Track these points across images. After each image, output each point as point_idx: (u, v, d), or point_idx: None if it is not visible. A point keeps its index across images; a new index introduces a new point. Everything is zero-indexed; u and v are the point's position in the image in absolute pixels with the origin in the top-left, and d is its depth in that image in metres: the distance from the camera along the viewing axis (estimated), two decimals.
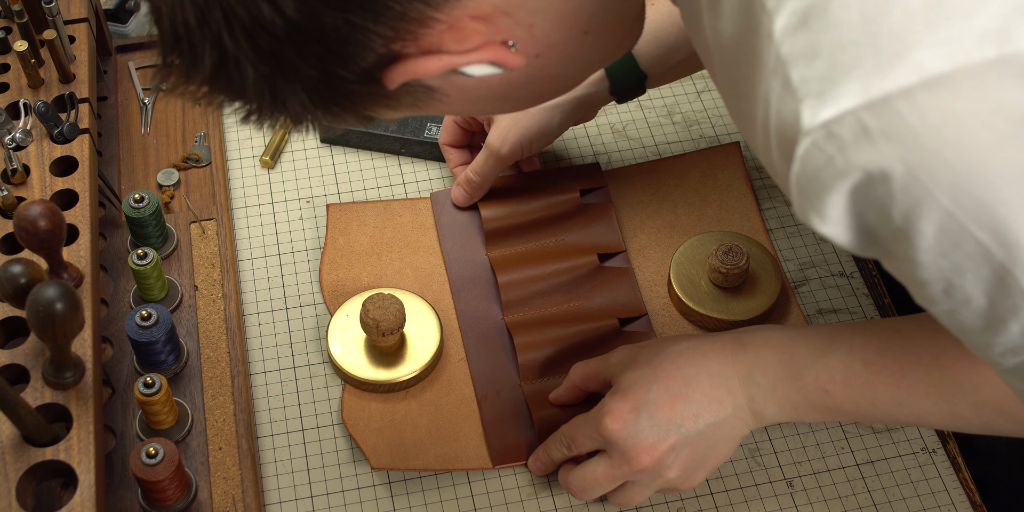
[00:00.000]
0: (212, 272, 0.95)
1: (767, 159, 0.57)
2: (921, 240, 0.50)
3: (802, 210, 0.54)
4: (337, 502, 0.86)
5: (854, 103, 0.48)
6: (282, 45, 0.54)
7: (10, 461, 0.74)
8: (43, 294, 0.69)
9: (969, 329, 0.54)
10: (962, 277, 0.51)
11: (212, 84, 0.57)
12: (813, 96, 0.50)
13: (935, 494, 0.87)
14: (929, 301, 0.55)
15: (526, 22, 0.59)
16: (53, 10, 0.93)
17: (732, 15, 0.56)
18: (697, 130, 1.08)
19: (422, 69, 0.57)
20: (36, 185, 0.89)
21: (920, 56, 0.47)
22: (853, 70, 0.48)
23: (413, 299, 0.93)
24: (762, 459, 0.88)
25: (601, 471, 0.79)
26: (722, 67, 0.61)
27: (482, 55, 0.58)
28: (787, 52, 0.51)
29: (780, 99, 0.52)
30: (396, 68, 0.57)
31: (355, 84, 0.58)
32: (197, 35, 0.54)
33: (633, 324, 0.94)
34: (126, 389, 0.88)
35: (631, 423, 0.77)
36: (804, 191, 0.52)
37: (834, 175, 0.50)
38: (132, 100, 1.08)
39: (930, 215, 0.49)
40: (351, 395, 0.90)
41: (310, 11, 0.53)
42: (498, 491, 0.86)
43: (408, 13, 0.55)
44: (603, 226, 0.99)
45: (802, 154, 0.51)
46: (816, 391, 0.74)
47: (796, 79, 0.51)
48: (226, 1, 0.53)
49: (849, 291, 0.97)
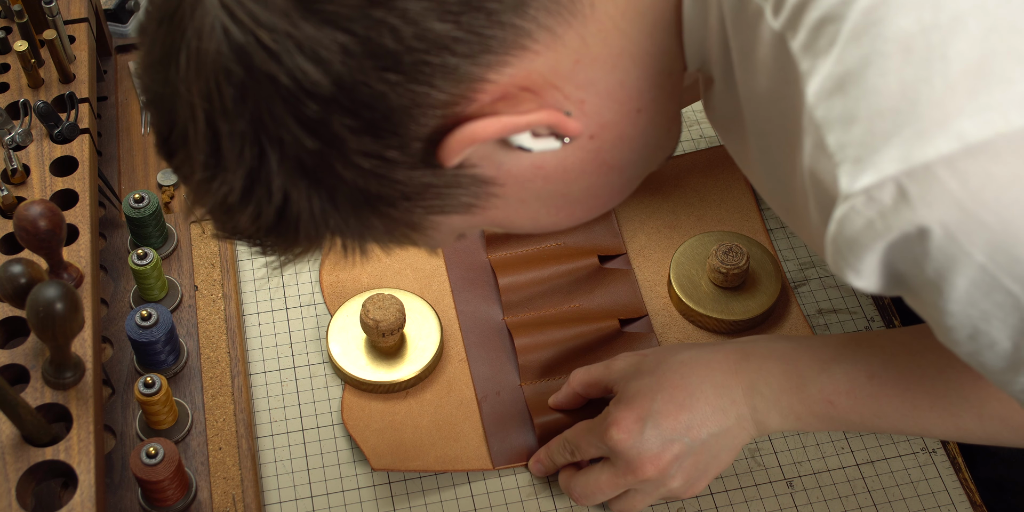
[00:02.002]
0: (212, 272, 0.95)
1: (789, 206, 0.57)
2: (952, 292, 0.51)
3: (838, 268, 0.55)
4: (337, 502, 0.86)
5: (895, 170, 0.49)
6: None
7: (10, 461, 0.74)
8: (43, 294, 0.69)
9: (992, 370, 0.55)
10: (989, 324, 0.52)
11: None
12: (851, 161, 0.50)
13: (935, 494, 0.87)
14: (952, 343, 0.55)
15: (576, 98, 0.58)
16: (53, 10, 0.93)
17: (764, 75, 0.56)
18: (697, 130, 1.08)
19: (480, 131, 0.54)
20: (36, 185, 0.89)
21: (961, 124, 0.47)
22: (892, 137, 0.49)
23: (413, 299, 0.93)
24: (762, 459, 0.88)
25: (605, 479, 0.80)
26: (753, 121, 0.61)
27: (539, 116, 0.56)
28: (821, 116, 0.51)
29: (814, 159, 0.52)
30: (453, 135, 0.54)
31: (409, 169, 0.55)
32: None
33: (633, 325, 0.94)
34: (126, 389, 0.88)
35: (636, 434, 0.77)
36: (841, 251, 0.53)
37: (873, 237, 0.51)
38: (132, 100, 1.08)
39: (964, 271, 0.50)
40: (351, 395, 0.90)
41: (357, 78, 0.51)
42: (498, 491, 0.86)
43: (459, 68, 0.53)
44: (603, 228, 0.99)
45: (840, 217, 0.51)
46: (820, 402, 0.75)
47: (832, 144, 0.51)
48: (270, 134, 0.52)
49: (849, 291, 0.97)
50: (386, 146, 0.54)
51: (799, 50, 0.52)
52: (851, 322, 0.95)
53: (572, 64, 0.56)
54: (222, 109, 0.52)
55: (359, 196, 0.56)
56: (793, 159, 0.56)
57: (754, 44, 0.56)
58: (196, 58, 0.52)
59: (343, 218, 0.57)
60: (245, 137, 0.53)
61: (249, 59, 0.51)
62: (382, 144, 0.54)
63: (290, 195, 0.55)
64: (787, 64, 0.54)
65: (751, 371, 0.77)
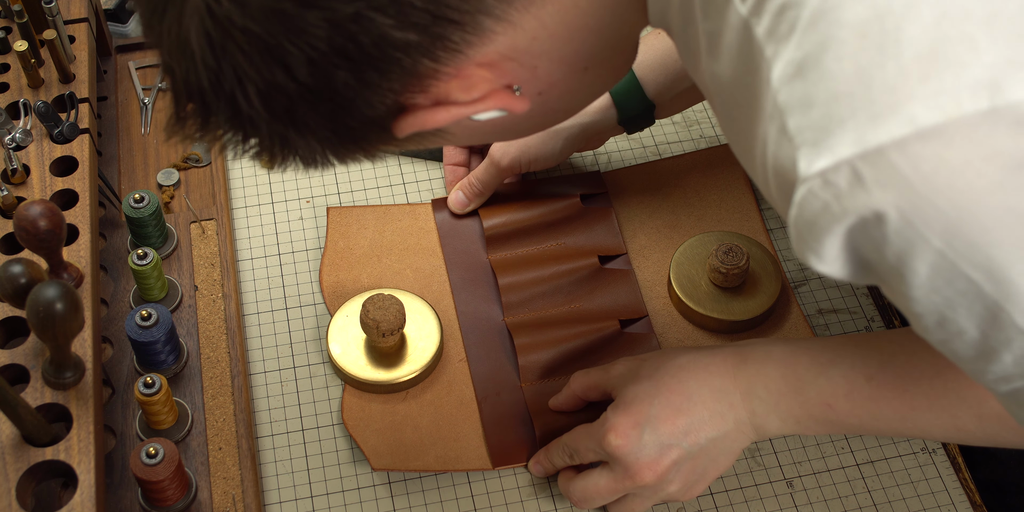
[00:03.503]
0: (212, 272, 0.95)
1: (766, 192, 0.59)
2: (914, 278, 0.52)
3: (800, 251, 0.55)
4: (337, 502, 0.86)
5: (849, 153, 0.49)
6: (295, 105, 0.56)
7: (10, 461, 0.74)
8: (43, 294, 0.69)
9: (963, 358, 0.56)
10: (955, 311, 0.53)
11: (225, 135, 0.59)
12: (809, 145, 0.51)
13: (935, 494, 0.87)
14: (924, 330, 0.56)
15: (530, 65, 0.61)
16: (53, 10, 0.93)
17: (730, 59, 0.57)
18: (697, 130, 1.08)
19: (431, 121, 0.59)
20: (36, 185, 0.89)
21: (913, 109, 0.48)
22: (847, 121, 0.49)
23: (413, 300, 0.93)
24: (762, 459, 0.88)
25: (603, 484, 0.80)
26: (721, 106, 0.62)
27: (489, 104, 0.60)
28: (783, 100, 0.52)
29: (777, 144, 0.53)
30: (406, 119, 0.59)
31: (365, 131, 0.59)
32: (211, 96, 0.56)
33: (634, 326, 0.94)
34: (126, 389, 0.88)
35: (634, 439, 0.77)
36: (802, 234, 0.54)
37: (830, 220, 0.52)
38: (132, 100, 1.08)
39: (923, 256, 0.51)
40: (351, 395, 0.90)
41: (322, 73, 0.54)
42: (498, 491, 0.86)
43: (417, 68, 0.56)
44: (603, 229, 0.99)
45: (799, 200, 0.52)
46: (819, 405, 0.75)
47: (792, 127, 0.52)
48: (239, 65, 0.54)
49: (849, 291, 0.97)
50: (344, 121, 0.58)
51: (763, 36, 0.53)
52: (851, 322, 0.95)
53: (529, 41, 0.59)
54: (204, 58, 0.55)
55: (320, 144, 0.60)
56: (754, 144, 0.57)
57: (722, 29, 0.57)
58: (177, 40, 0.55)
59: (309, 149, 0.60)
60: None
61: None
62: (340, 120, 0.58)
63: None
64: (753, 50, 0.54)
65: (749, 375, 0.77)
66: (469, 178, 0.99)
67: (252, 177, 1.04)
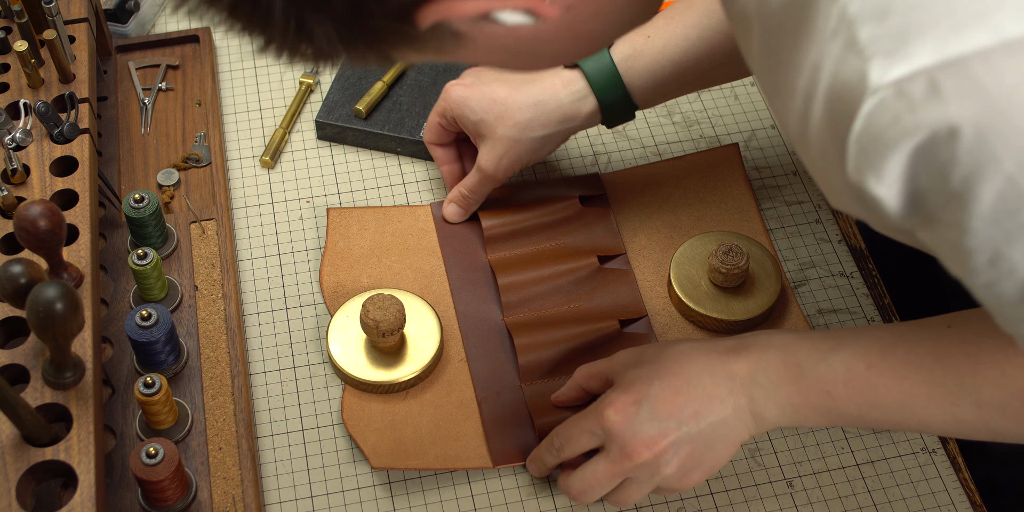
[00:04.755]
0: (212, 272, 0.95)
1: (800, 132, 0.56)
2: (977, 206, 0.50)
3: (859, 169, 0.53)
4: (337, 502, 0.86)
5: (928, 62, 0.47)
6: None
7: (10, 461, 0.74)
8: (43, 294, 0.69)
9: (1007, 301, 0.54)
10: (1012, 247, 0.50)
11: (235, 11, 0.55)
12: (883, 54, 0.49)
13: (935, 494, 0.87)
14: (969, 271, 0.54)
15: None
16: (53, 10, 0.93)
17: None
18: (697, 130, 1.08)
19: (457, 10, 0.55)
20: (36, 185, 0.89)
21: (1000, 18, 0.46)
22: (928, 29, 0.48)
23: (413, 300, 0.93)
24: (762, 459, 0.88)
25: (601, 469, 0.79)
26: (762, 37, 0.60)
27: (518, 1, 0.56)
28: (855, 10, 0.50)
29: (841, 60, 0.51)
30: (430, 7, 0.55)
31: (385, 20, 0.55)
32: None
33: (633, 325, 0.94)
34: (126, 389, 0.88)
35: (632, 415, 0.77)
36: (865, 150, 0.52)
37: (900, 134, 0.50)
38: (132, 100, 1.08)
39: (992, 180, 0.48)
40: (351, 395, 0.90)
41: None
42: (498, 491, 0.86)
43: None
44: (602, 229, 0.99)
45: (867, 112, 0.50)
46: (817, 392, 0.74)
47: (864, 37, 0.50)
48: None
49: (849, 291, 0.97)
50: (365, 2, 0.54)
51: None
52: (851, 322, 0.96)
53: None
54: None
55: (337, 29, 0.55)
56: (797, 74, 0.54)
57: None
58: None
59: (324, 34, 0.56)
60: None
61: None
62: (361, 1, 0.54)
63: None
64: None
65: (750, 361, 0.77)
66: (459, 189, 0.99)
67: (252, 177, 1.04)
